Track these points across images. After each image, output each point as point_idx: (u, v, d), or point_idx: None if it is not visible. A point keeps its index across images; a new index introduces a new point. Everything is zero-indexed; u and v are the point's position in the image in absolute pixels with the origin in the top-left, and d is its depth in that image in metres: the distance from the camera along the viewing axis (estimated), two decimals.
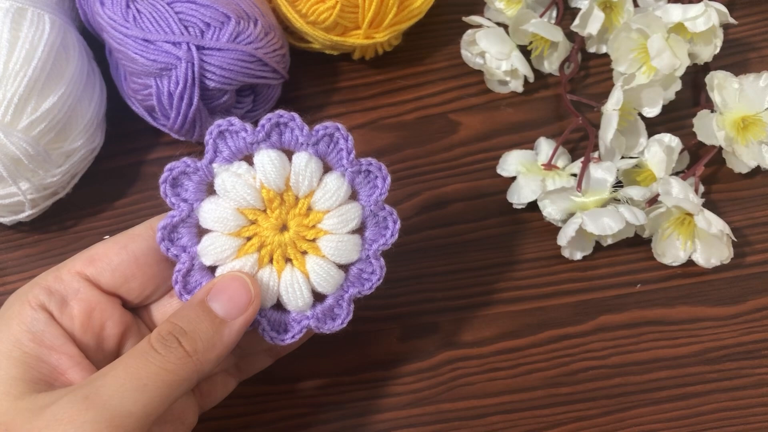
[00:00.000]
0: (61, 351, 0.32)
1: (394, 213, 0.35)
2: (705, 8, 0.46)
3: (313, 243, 0.34)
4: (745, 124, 0.45)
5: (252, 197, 0.33)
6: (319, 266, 0.34)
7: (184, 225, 0.33)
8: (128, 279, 0.34)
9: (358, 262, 0.35)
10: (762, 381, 0.42)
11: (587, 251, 0.45)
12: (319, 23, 0.47)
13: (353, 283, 0.35)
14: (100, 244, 0.34)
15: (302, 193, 0.34)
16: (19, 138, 0.40)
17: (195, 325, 0.31)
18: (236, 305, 0.32)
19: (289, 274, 0.34)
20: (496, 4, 0.51)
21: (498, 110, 0.50)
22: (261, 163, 0.33)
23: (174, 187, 0.33)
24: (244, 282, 0.33)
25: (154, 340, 0.31)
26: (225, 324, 0.32)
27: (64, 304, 0.33)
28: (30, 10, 0.42)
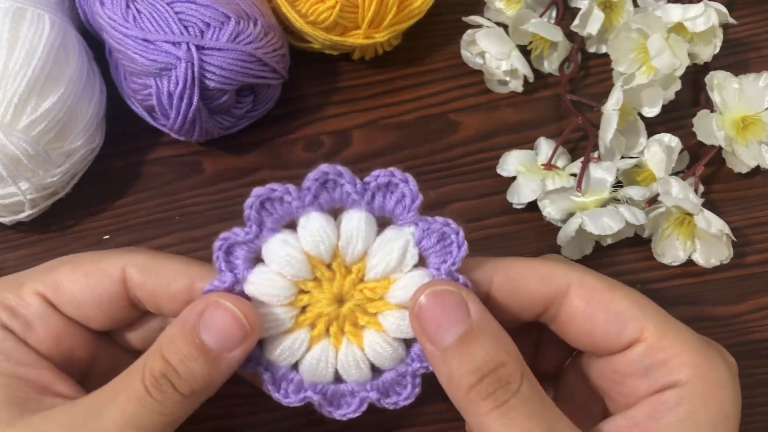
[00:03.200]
0: (38, 366, 0.31)
1: (450, 222, 0.31)
2: (705, 8, 0.46)
3: (374, 317, 0.31)
4: (745, 124, 0.45)
5: (298, 269, 0.30)
6: (377, 342, 0.31)
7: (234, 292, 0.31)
8: (89, 317, 0.32)
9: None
10: (762, 381, 0.42)
11: (587, 251, 0.45)
12: (318, 23, 0.47)
13: (418, 359, 0.31)
14: (67, 269, 0.32)
15: (352, 257, 0.31)
16: (19, 138, 0.40)
17: (189, 364, 0.29)
18: (230, 338, 0.29)
19: (346, 347, 0.31)
20: (496, 4, 0.51)
21: (498, 110, 0.50)
22: (305, 229, 0.30)
23: (227, 255, 0.31)
24: (234, 314, 0.29)
25: (148, 382, 0.29)
26: (220, 359, 0.29)
27: (28, 328, 0.31)
28: (30, 10, 0.42)
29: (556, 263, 0.32)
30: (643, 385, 0.30)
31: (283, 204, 0.30)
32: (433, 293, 0.29)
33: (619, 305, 0.30)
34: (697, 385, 0.29)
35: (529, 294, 0.31)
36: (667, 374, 0.29)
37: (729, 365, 0.30)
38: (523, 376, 0.28)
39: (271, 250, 0.30)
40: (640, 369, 0.30)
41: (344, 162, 0.48)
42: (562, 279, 0.31)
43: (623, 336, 0.30)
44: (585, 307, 0.30)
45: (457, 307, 0.29)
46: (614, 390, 0.31)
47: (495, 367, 0.28)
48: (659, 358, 0.30)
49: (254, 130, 0.48)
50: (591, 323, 0.30)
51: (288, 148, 0.48)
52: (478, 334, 0.28)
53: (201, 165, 0.48)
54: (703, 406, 0.29)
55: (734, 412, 0.29)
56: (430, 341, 0.29)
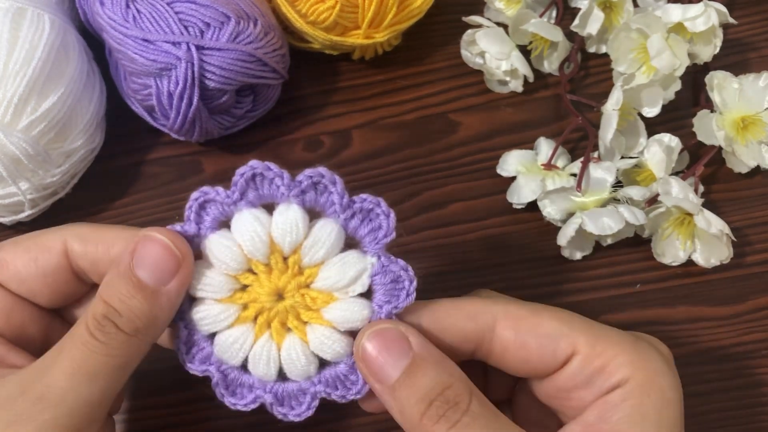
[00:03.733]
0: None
1: (409, 269, 0.31)
2: (705, 8, 0.46)
3: (316, 312, 0.31)
4: (745, 124, 0.45)
5: (235, 262, 0.31)
6: (323, 336, 0.31)
7: None
8: (35, 293, 0.33)
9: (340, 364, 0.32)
10: (762, 381, 0.42)
11: (587, 251, 0.45)
12: (318, 23, 0.47)
13: (326, 383, 0.32)
14: (9, 247, 0.33)
15: (288, 250, 0.31)
16: (19, 138, 0.40)
17: (128, 302, 0.29)
18: (165, 271, 0.30)
19: (288, 344, 0.31)
20: (496, 4, 0.51)
21: (498, 110, 0.50)
22: (282, 219, 0.30)
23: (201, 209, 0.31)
24: (165, 244, 0.30)
25: (91, 326, 0.29)
26: (159, 294, 0.30)
27: None
28: (30, 10, 0.42)
29: (479, 300, 0.32)
30: (588, 395, 0.31)
31: (271, 185, 0.31)
32: (374, 333, 0.30)
33: (547, 327, 0.31)
34: (636, 380, 0.30)
35: (457, 333, 0.31)
36: (608, 378, 0.30)
37: (663, 354, 0.31)
38: (471, 395, 0.29)
39: (241, 221, 0.31)
40: (582, 380, 0.31)
41: (344, 162, 0.48)
42: (487, 314, 0.31)
43: (558, 354, 0.31)
44: (515, 336, 0.31)
45: (397, 342, 0.30)
46: (564, 406, 0.32)
47: (441, 391, 0.29)
48: (596, 365, 0.30)
49: (254, 130, 0.48)
50: (525, 351, 0.31)
51: (288, 148, 0.48)
52: (421, 363, 0.29)
53: (201, 165, 0.48)
54: (647, 397, 0.30)
55: (676, 396, 0.30)
56: (378, 381, 0.30)
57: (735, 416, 0.42)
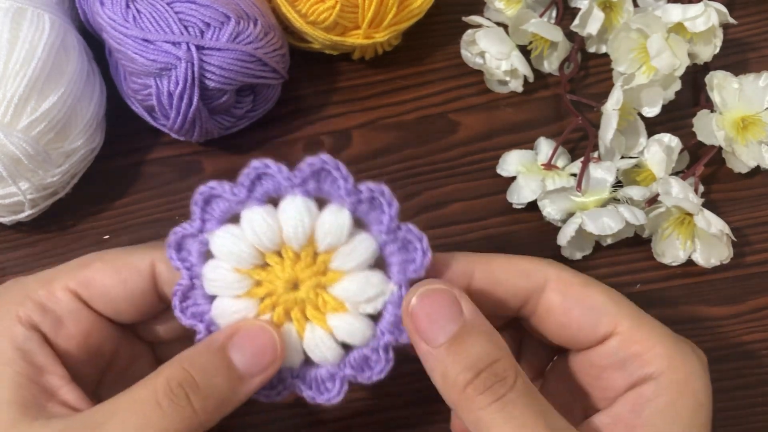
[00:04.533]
0: (51, 371, 0.30)
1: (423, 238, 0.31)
2: (705, 8, 0.46)
3: (323, 316, 0.31)
4: (745, 124, 0.45)
5: (271, 241, 0.30)
6: (343, 321, 0.31)
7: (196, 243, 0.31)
8: (121, 312, 0.32)
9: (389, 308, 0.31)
10: (762, 381, 0.42)
11: (587, 251, 0.45)
12: (318, 23, 0.47)
13: (388, 332, 0.31)
14: (98, 265, 0.32)
15: (299, 239, 0.30)
16: (19, 138, 0.40)
17: (210, 378, 0.28)
18: (259, 361, 0.29)
19: (311, 331, 0.31)
20: (496, 4, 0.51)
21: (498, 110, 0.50)
22: (288, 212, 0.30)
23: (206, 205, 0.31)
24: (271, 336, 0.29)
25: (161, 393, 0.28)
26: (243, 381, 0.29)
27: (59, 324, 0.31)
28: (30, 10, 0.42)
29: (535, 259, 0.33)
30: (620, 378, 0.31)
31: (273, 180, 0.31)
32: (425, 292, 0.29)
33: (594, 300, 0.31)
34: (672, 377, 0.30)
35: (509, 287, 0.32)
36: (642, 366, 0.30)
37: (700, 358, 0.31)
38: (517, 372, 0.29)
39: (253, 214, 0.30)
40: (616, 361, 0.31)
41: (344, 162, 0.48)
42: (540, 274, 0.32)
43: (598, 329, 0.31)
44: (561, 301, 0.31)
45: (449, 305, 0.29)
46: (594, 385, 0.32)
47: (490, 363, 0.28)
48: (633, 350, 0.30)
49: (254, 130, 0.48)
50: (567, 317, 0.31)
51: (288, 148, 0.48)
52: (472, 331, 0.29)
53: (201, 165, 0.48)
54: (680, 396, 0.30)
55: (707, 402, 0.30)
56: (424, 340, 0.29)
57: (735, 416, 0.42)
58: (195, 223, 0.31)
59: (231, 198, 0.31)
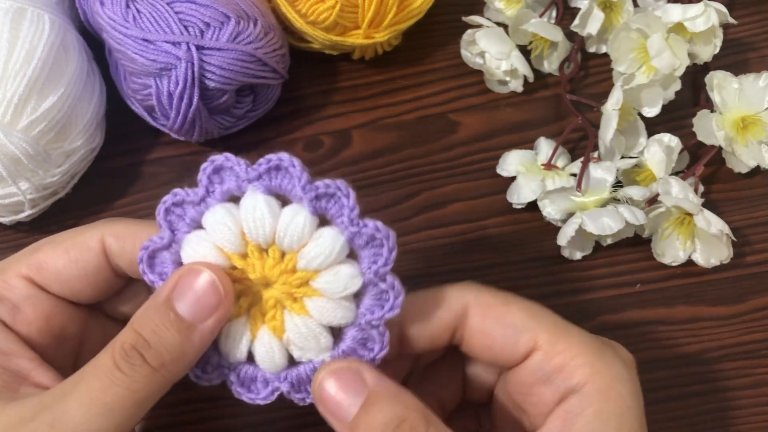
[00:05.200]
0: (19, 355, 0.31)
1: (396, 285, 0.30)
2: (705, 8, 0.46)
3: (299, 302, 0.31)
4: (745, 124, 0.45)
5: (232, 242, 0.30)
6: (303, 327, 0.30)
7: (168, 253, 0.31)
8: (76, 292, 0.32)
9: (352, 329, 0.31)
10: (762, 381, 0.42)
11: (587, 251, 0.45)
12: (318, 23, 0.47)
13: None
14: (47, 248, 0.32)
15: (286, 248, 0.30)
16: (19, 138, 0.40)
17: (160, 334, 0.29)
18: (205, 306, 0.29)
19: (263, 334, 0.31)
20: (496, 4, 0.51)
21: (498, 110, 0.50)
22: (244, 209, 0.30)
23: (167, 214, 0.31)
24: (211, 280, 0.29)
25: (117, 356, 0.28)
26: (193, 329, 0.29)
27: (16, 311, 0.31)
28: (30, 10, 0.42)
29: (454, 287, 0.33)
30: (548, 392, 0.31)
31: (232, 173, 0.30)
32: (328, 374, 0.30)
33: (514, 318, 0.31)
34: (596, 385, 0.30)
35: (434, 323, 0.32)
36: (567, 378, 0.30)
37: (624, 359, 0.31)
38: (428, 425, 0.29)
39: (208, 217, 0.30)
40: (542, 376, 0.31)
41: (344, 162, 0.48)
42: (459, 301, 0.32)
43: (519, 346, 0.31)
44: (482, 323, 0.32)
45: (352, 380, 0.30)
46: (527, 402, 0.32)
47: (398, 424, 0.29)
48: (556, 363, 0.31)
49: (254, 130, 0.48)
50: (489, 338, 0.32)
51: (288, 148, 0.48)
52: (376, 399, 0.29)
53: (201, 165, 0.48)
54: (606, 404, 0.30)
55: (635, 403, 0.30)
56: (338, 421, 0.30)
57: (735, 416, 0.42)
58: (164, 234, 0.31)
59: (191, 199, 0.31)
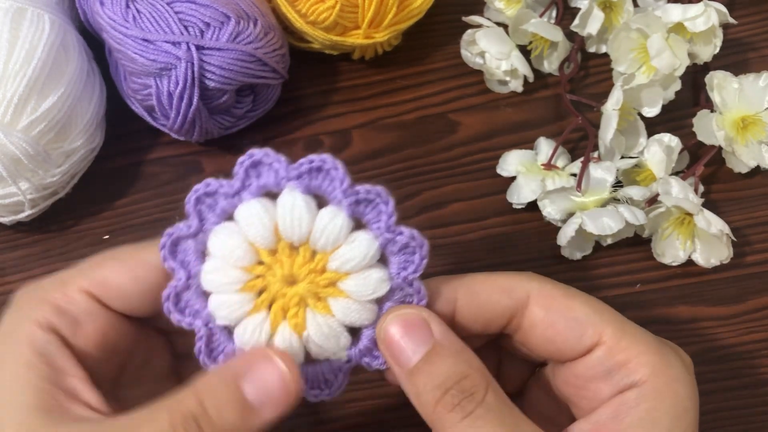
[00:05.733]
0: (72, 374, 0.30)
1: (422, 290, 0.31)
2: (705, 8, 0.46)
3: (323, 302, 0.31)
4: (745, 124, 0.45)
5: (265, 238, 0.30)
6: (326, 325, 0.31)
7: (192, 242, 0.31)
8: (136, 308, 0.32)
9: (370, 329, 0.31)
10: (762, 381, 0.42)
11: (587, 251, 0.45)
12: (318, 23, 0.47)
13: (362, 353, 0.31)
14: (110, 264, 0.32)
15: (320, 249, 0.30)
16: (19, 138, 0.40)
17: (223, 412, 0.28)
18: (272, 397, 0.29)
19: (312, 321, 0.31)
20: (496, 4, 0.51)
21: (498, 110, 0.50)
22: (282, 206, 0.30)
23: (198, 203, 0.31)
24: (285, 375, 0.29)
25: (177, 423, 0.28)
26: (256, 415, 0.28)
27: (76, 326, 0.31)
28: (30, 10, 0.42)
29: (515, 275, 0.33)
30: (605, 388, 0.31)
31: (271, 170, 0.31)
32: (396, 318, 0.30)
33: (578, 311, 0.31)
34: (655, 383, 0.30)
35: (492, 307, 0.32)
36: (627, 375, 0.30)
37: (684, 362, 0.31)
38: (488, 386, 0.29)
39: (248, 208, 0.30)
40: (602, 372, 0.31)
41: (344, 162, 0.48)
42: (522, 289, 0.32)
43: (583, 340, 0.31)
44: (545, 315, 0.31)
45: (419, 328, 0.30)
46: (578, 395, 0.32)
47: (458, 380, 0.29)
48: (619, 359, 0.31)
49: (254, 130, 0.48)
50: (552, 330, 0.31)
51: (288, 148, 0.48)
52: (441, 351, 0.29)
53: (201, 165, 0.48)
54: (662, 403, 0.30)
55: (692, 406, 0.30)
56: (398, 365, 0.30)
57: (735, 416, 0.42)
58: (192, 223, 0.31)
59: (225, 191, 0.31)
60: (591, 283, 0.45)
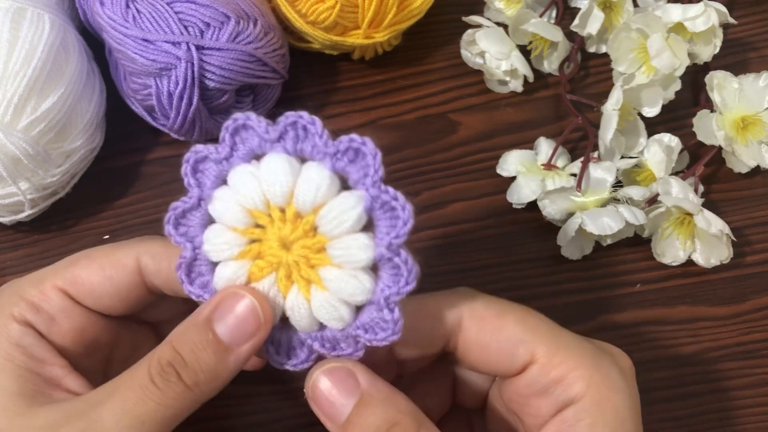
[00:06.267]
0: (52, 363, 0.31)
1: (409, 261, 0.29)
2: (705, 8, 0.46)
3: (317, 272, 0.30)
4: (745, 124, 0.45)
5: (255, 202, 0.30)
6: (325, 301, 0.30)
7: (194, 213, 0.31)
8: (109, 307, 0.33)
9: (371, 306, 0.30)
10: (762, 381, 0.42)
11: (587, 251, 0.45)
12: (318, 23, 0.47)
13: (364, 328, 0.30)
14: (83, 263, 0.33)
15: (305, 210, 0.30)
16: (19, 138, 0.40)
17: (197, 353, 0.29)
18: (244, 331, 0.29)
19: (294, 296, 0.30)
20: (496, 4, 0.51)
21: (498, 110, 0.50)
22: (264, 168, 0.30)
23: (195, 171, 0.31)
24: (252, 306, 0.29)
25: (153, 371, 0.29)
26: (230, 352, 0.29)
27: (51, 322, 0.32)
28: (30, 10, 0.42)
29: (446, 297, 0.32)
30: (545, 404, 0.31)
31: (253, 134, 0.30)
32: (323, 372, 0.30)
33: (509, 331, 0.31)
34: (591, 397, 0.30)
35: (426, 334, 0.32)
36: (564, 390, 0.30)
37: (623, 369, 0.31)
38: (420, 428, 0.29)
39: (233, 175, 0.30)
40: (539, 389, 0.31)
41: None
42: (453, 313, 0.31)
43: (516, 360, 0.31)
44: (476, 336, 0.31)
45: (346, 380, 0.30)
46: (523, 412, 0.32)
47: (389, 428, 0.29)
48: (553, 376, 0.30)
49: None
50: (485, 352, 0.31)
51: None
52: (369, 400, 0.29)
53: None
54: (601, 416, 0.30)
55: (631, 414, 0.30)
56: (330, 421, 0.30)
57: (734, 416, 0.42)
58: (192, 192, 0.31)
59: (216, 157, 0.30)
60: (591, 283, 0.45)
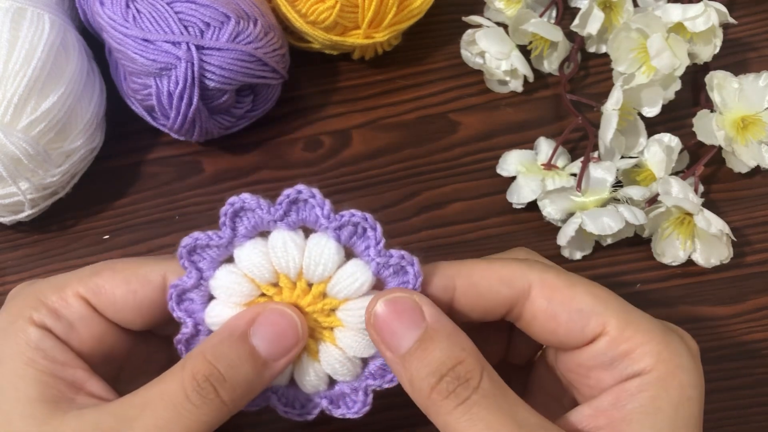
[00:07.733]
0: (74, 365, 0.31)
1: (405, 254, 0.31)
2: (705, 8, 0.46)
3: (330, 332, 0.31)
4: (745, 123, 0.45)
5: (264, 276, 0.31)
6: (334, 358, 0.31)
7: (196, 291, 0.32)
8: (130, 321, 0.32)
9: (378, 357, 0.31)
10: (762, 381, 0.42)
11: (587, 251, 0.45)
12: (318, 23, 0.47)
13: (373, 376, 0.32)
14: (107, 274, 0.32)
15: (316, 280, 0.31)
16: (19, 138, 0.40)
17: (236, 369, 0.28)
18: (282, 345, 0.29)
19: (327, 353, 0.31)
20: (496, 4, 0.51)
21: (498, 110, 0.50)
22: (273, 246, 0.30)
23: (191, 255, 0.31)
24: (291, 318, 0.29)
25: (189, 387, 0.28)
26: (267, 366, 0.29)
27: (70, 329, 0.31)
28: (30, 10, 0.42)
29: (516, 264, 0.32)
30: (608, 377, 0.30)
31: (254, 215, 0.31)
32: (387, 301, 0.29)
33: (581, 302, 0.31)
34: (658, 372, 0.30)
35: (492, 297, 0.31)
36: (630, 365, 0.30)
37: (691, 349, 0.31)
38: (482, 372, 0.28)
39: (244, 253, 0.31)
40: (605, 361, 0.30)
41: (344, 162, 0.48)
42: (523, 280, 0.31)
43: (586, 331, 0.31)
44: (547, 306, 0.31)
45: (411, 312, 0.29)
46: (581, 382, 0.32)
47: (453, 366, 0.28)
48: (622, 349, 0.30)
49: (254, 130, 0.48)
50: (554, 322, 0.31)
51: (288, 148, 0.48)
52: (434, 335, 0.29)
53: (201, 165, 0.48)
54: (665, 391, 0.29)
55: (696, 394, 0.30)
56: (389, 349, 0.29)
57: (735, 416, 0.42)
58: (191, 274, 0.31)
59: (218, 243, 0.31)
60: None
